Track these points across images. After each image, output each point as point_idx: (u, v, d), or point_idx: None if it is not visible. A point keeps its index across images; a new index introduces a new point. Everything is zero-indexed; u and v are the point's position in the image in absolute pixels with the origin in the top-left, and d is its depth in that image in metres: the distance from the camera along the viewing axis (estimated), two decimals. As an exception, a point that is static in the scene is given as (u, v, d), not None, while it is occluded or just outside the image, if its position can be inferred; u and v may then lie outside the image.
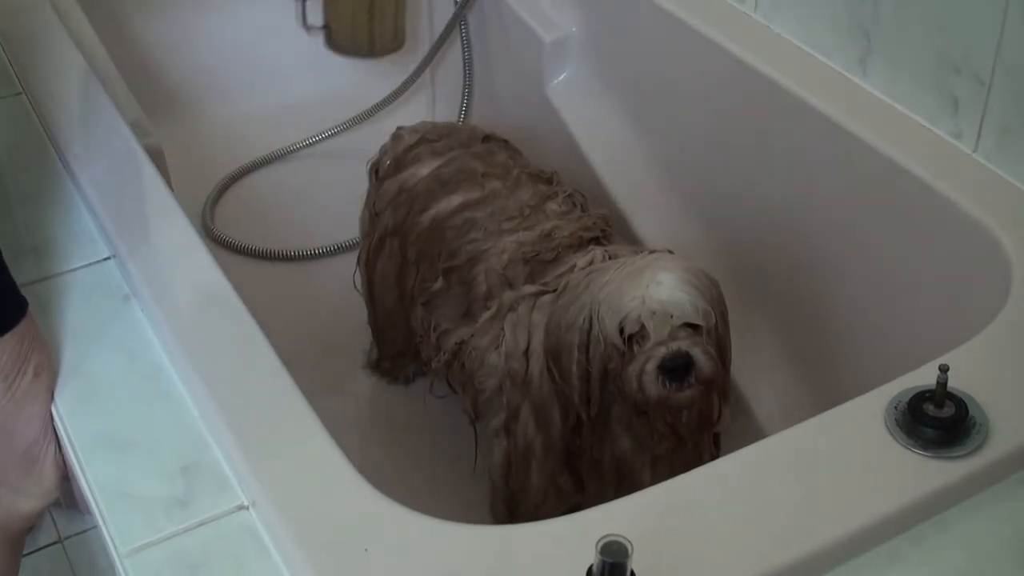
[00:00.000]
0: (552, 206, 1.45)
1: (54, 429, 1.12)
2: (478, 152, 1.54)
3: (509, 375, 1.30)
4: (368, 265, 1.58)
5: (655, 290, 1.17)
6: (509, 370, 1.30)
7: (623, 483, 1.28)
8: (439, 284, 1.44)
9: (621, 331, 1.17)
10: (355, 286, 1.64)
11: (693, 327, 1.17)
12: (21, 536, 1.22)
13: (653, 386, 1.16)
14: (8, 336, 1.07)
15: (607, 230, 1.46)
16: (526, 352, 1.29)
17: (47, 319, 1.19)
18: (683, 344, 1.16)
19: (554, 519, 0.98)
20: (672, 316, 1.16)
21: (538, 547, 0.94)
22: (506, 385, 1.31)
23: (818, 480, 0.99)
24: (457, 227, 1.45)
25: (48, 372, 1.12)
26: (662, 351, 1.15)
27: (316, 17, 1.85)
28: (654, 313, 1.16)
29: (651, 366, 1.15)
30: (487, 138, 1.58)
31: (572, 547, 0.87)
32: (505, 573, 0.92)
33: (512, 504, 1.36)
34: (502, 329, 1.32)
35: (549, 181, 1.51)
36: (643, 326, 1.16)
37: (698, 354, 1.15)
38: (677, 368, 1.15)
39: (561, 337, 1.23)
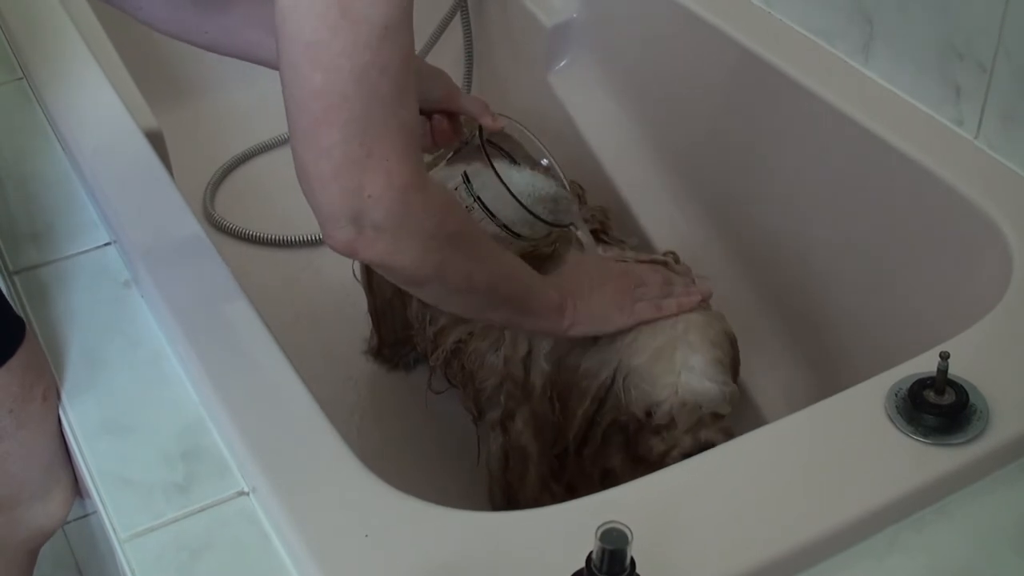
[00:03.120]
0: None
1: (67, 447, 1.13)
2: None
3: (509, 377, 1.30)
4: None
5: (687, 378, 1.18)
6: (508, 372, 1.30)
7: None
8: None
9: (649, 414, 1.19)
10: (354, 275, 1.64)
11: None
12: (38, 550, 1.23)
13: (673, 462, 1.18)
14: (11, 368, 1.07)
15: (606, 222, 1.46)
16: (525, 359, 1.29)
17: (47, 305, 1.19)
18: (709, 435, 1.19)
19: (554, 506, 0.98)
20: (701, 407, 1.19)
21: (537, 534, 0.94)
22: (506, 384, 1.31)
23: (819, 467, 0.99)
24: None
25: (54, 394, 1.12)
26: (688, 442, 1.18)
27: None
28: (684, 404, 1.18)
29: (676, 453, 1.18)
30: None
31: (571, 534, 0.87)
32: (504, 559, 0.92)
33: (510, 494, 1.36)
34: (502, 333, 1.32)
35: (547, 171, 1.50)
36: (672, 418, 1.19)
37: (720, 441, 1.18)
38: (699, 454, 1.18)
39: (574, 380, 1.23)
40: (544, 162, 1.35)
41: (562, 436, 1.28)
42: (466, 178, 1.30)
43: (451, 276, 1.05)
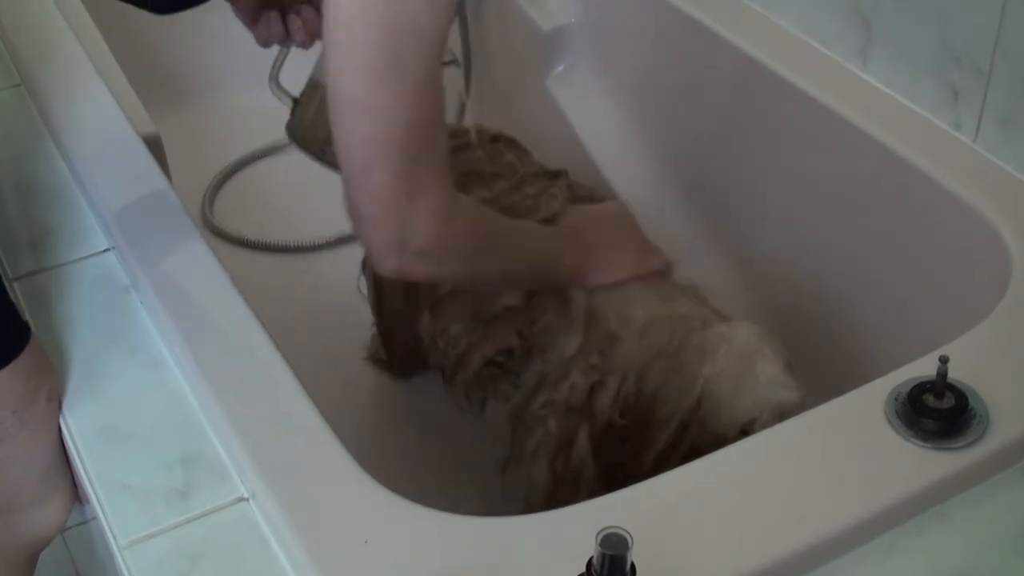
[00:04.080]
0: (553, 191, 1.45)
1: (66, 454, 1.13)
2: (487, 152, 1.53)
3: (566, 402, 1.30)
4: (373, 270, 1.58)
5: (773, 391, 1.19)
6: (570, 388, 1.29)
7: None
8: (446, 287, 1.44)
9: (744, 432, 1.19)
10: (359, 289, 1.63)
11: None
12: (38, 554, 1.23)
13: None
14: (11, 372, 1.07)
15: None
16: (594, 387, 1.29)
17: (47, 311, 1.19)
18: None
19: (553, 511, 0.98)
20: (786, 414, 1.19)
21: (538, 539, 0.94)
22: (558, 410, 1.30)
23: (818, 471, 0.99)
24: None
25: (56, 396, 1.12)
26: None
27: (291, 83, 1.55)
28: (774, 416, 1.19)
29: None
30: (495, 138, 1.57)
31: (572, 539, 0.87)
32: (505, 565, 0.92)
33: None
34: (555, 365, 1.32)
35: (556, 176, 1.50)
36: None
37: None
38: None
39: (659, 406, 1.23)
40: None
41: (635, 463, 1.27)
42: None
43: (484, 277, 1.21)
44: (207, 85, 2.12)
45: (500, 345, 1.38)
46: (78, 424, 1.09)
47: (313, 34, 1.32)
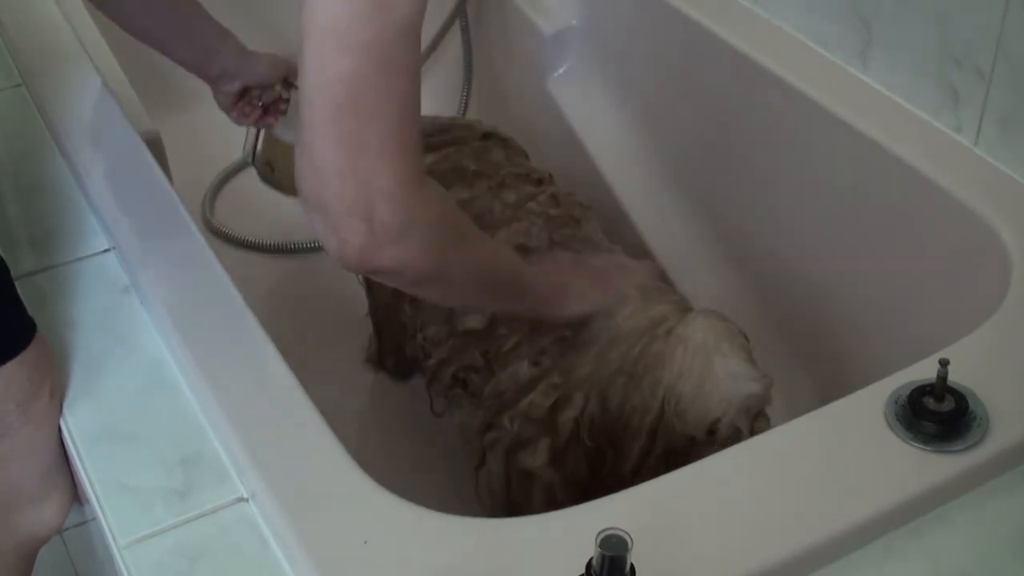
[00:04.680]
0: (532, 206, 1.44)
1: (66, 454, 1.12)
2: (474, 149, 1.53)
3: (522, 410, 1.29)
4: None
5: (735, 387, 1.20)
6: (529, 403, 1.29)
7: None
8: None
9: (711, 431, 1.21)
10: (357, 278, 1.64)
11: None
12: (36, 553, 1.23)
13: None
14: (17, 364, 1.07)
15: (576, 234, 1.45)
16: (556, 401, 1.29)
17: (46, 311, 1.19)
18: (762, 425, 1.22)
19: (553, 512, 0.98)
20: (752, 408, 1.22)
21: (538, 540, 0.94)
22: (518, 419, 1.30)
23: (818, 474, 0.99)
24: None
25: (59, 392, 1.12)
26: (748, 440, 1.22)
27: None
28: (740, 411, 1.21)
29: None
30: (486, 135, 1.56)
31: (572, 540, 0.87)
32: (504, 567, 0.92)
33: (512, 514, 1.35)
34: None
35: (540, 182, 1.49)
36: (737, 428, 1.21)
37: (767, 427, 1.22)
38: None
39: (625, 419, 1.24)
40: None
41: (615, 473, 1.27)
42: None
43: (455, 271, 1.09)
44: (208, 86, 2.12)
45: (468, 362, 1.38)
46: (78, 424, 1.09)
47: (280, 113, 1.60)
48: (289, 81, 1.59)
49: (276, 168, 1.81)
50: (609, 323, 1.26)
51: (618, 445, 1.25)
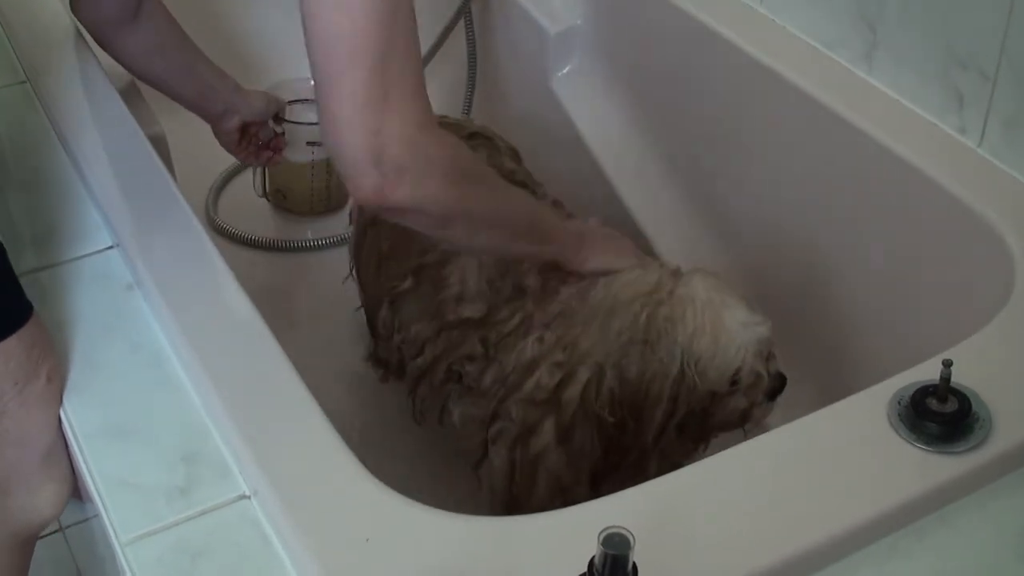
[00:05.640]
0: None
1: (65, 444, 1.12)
2: None
3: (527, 393, 1.29)
4: (355, 254, 1.58)
5: (746, 334, 1.23)
6: (535, 385, 1.29)
7: None
8: (408, 283, 1.43)
9: (734, 382, 1.24)
10: (351, 274, 1.64)
11: None
12: (34, 539, 1.22)
13: (761, 411, 1.27)
14: (16, 341, 1.07)
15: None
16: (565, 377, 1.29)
17: (49, 308, 1.19)
18: (776, 365, 1.26)
19: (556, 511, 0.98)
20: (764, 350, 1.25)
21: (540, 539, 0.94)
22: (522, 405, 1.30)
23: (821, 474, 0.99)
24: None
25: (58, 377, 1.12)
26: (767, 382, 1.25)
27: None
28: (757, 355, 1.24)
29: (761, 399, 1.26)
30: (472, 135, 1.54)
31: (574, 539, 0.86)
32: (507, 565, 0.92)
33: (513, 509, 1.35)
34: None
35: (523, 185, 1.48)
36: (758, 373, 1.24)
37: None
38: (779, 388, 1.27)
39: (645, 387, 1.24)
40: None
41: (636, 444, 1.27)
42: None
43: (476, 209, 1.14)
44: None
45: (465, 352, 1.38)
46: (80, 421, 1.09)
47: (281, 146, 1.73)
48: (280, 116, 1.71)
49: (287, 195, 1.96)
50: (607, 293, 1.27)
51: (640, 415, 1.25)
